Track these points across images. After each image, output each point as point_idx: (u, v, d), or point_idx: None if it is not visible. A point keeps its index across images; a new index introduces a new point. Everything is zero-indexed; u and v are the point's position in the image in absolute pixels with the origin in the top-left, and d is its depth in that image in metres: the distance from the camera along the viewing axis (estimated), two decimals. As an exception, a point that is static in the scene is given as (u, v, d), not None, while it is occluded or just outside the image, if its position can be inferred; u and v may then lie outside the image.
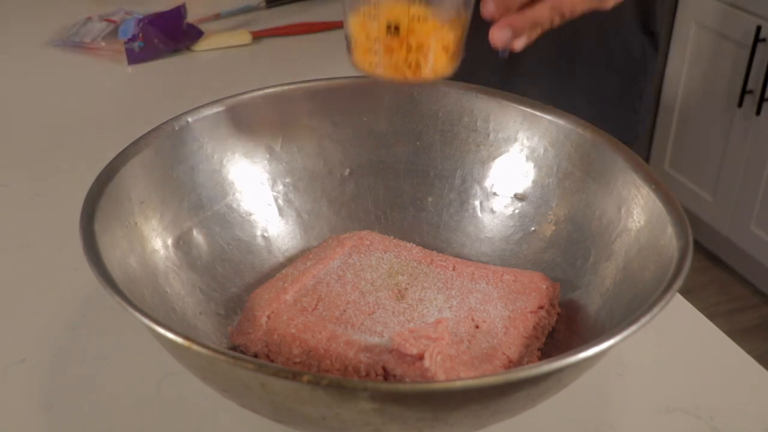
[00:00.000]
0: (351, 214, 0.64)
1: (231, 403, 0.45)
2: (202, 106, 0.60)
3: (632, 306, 0.46)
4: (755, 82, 1.72)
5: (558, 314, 0.55)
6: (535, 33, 0.50)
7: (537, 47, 0.53)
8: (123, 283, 0.43)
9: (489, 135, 0.63)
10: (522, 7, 0.49)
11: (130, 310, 0.41)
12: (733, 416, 0.53)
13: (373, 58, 0.50)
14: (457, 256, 0.60)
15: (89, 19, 1.14)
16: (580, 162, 0.59)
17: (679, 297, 0.63)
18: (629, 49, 0.95)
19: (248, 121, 0.61)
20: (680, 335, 0.60)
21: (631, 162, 0.55)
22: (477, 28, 0.50)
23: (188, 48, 1.11)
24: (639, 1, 0.71)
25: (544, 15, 0.49)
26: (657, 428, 0.52)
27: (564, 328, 0.55)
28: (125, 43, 1.06)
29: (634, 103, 0.97)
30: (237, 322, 0.55)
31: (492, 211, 0.63)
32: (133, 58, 1.06)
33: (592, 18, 0.57)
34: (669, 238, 0.48)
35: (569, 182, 0.59)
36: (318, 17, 1.21)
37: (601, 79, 0.95)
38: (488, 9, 0.49)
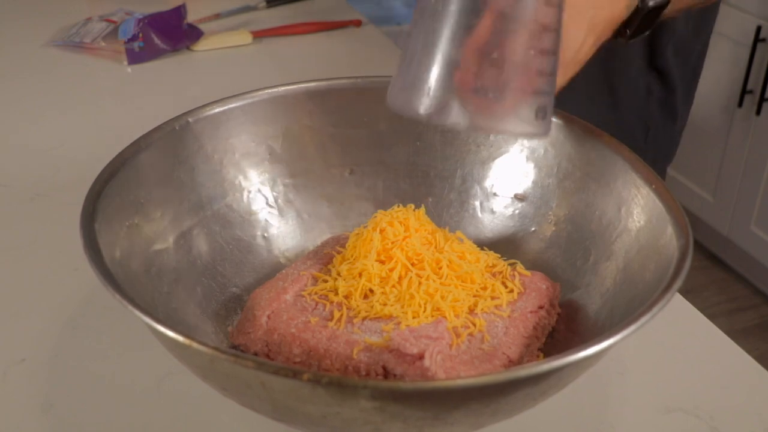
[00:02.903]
0: (351, 214, 0.64)
1: (231, 402, 0.45)
2: (202, 106, 0.60)
3: (632, 306, 0.46)
4: (755, 82, 1.72)
5: (558, 314, 0.55)
6: None
7: None
8: (123, 283, 0.43)
9: (489, 135, 0.63)
10: None
11: (131, 308, 0.41)
12: (733, 416, 0.53)
13: None
14: (457, 255, 0.60)
15: (89, 19, 1.14)
16: (580, 162, 0.59)
17: (679, 297, 0.63)
18: (634, 86, 0.93)
19: (248, 121, 0.62)
20: (680, 335, 0.60)
21: (631, 162, 0.55)
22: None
23: (188, 48, 1.11)
24: (646, 38, 0.69)
25: None
26: (657, 428, 0.52)
27: (564, 328, 0.55)
28: (125, 43, 1.06)
29: (639, 143, 0.95)
30: (237, 321, 0.55)
31: (492, 212, 0.63)
32: (133, 58, 1.06)
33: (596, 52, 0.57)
34: (669, 238, 0.48)
35: (569, 182, 0.59)
36: (318, 17, 1.21)
37: (603, 113, 0.93)
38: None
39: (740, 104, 1.76)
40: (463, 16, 0.46)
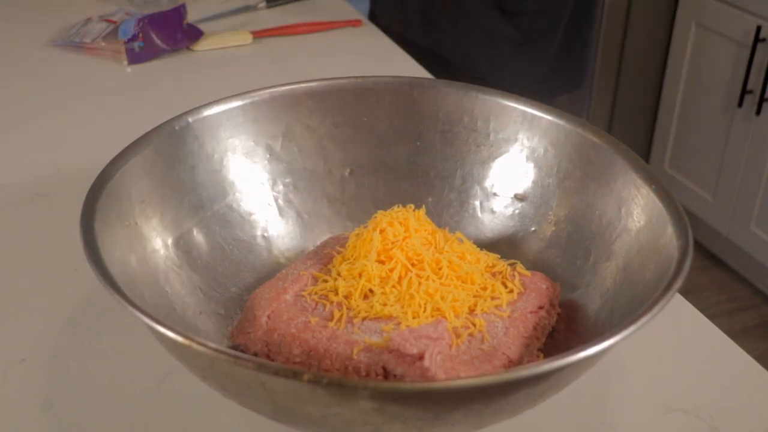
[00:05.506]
0: (351, 214, 0.64)
1: (231, 402, 0.45)
2: (202, 106, 0.60)
3: (632, 306, 0.46)
4: (755, 82, 1.72)
5: (558, 314, 0.55)
6: None
7: None
8: (123, 283, 0.43)
9: (489, 135, 0.63)
10: None
11: (131, 308, 0.41)
12: (733, 416, 0.53)
13: None
14: (457, 256, 0.60)
15: (89, 19, 1.14)
16: (580, 162, 0.59)
17: (679, 297, 0.63)
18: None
19: (248, 121, 0.62)
20: (680, 335, 0.60)
21: (631, 162, 0.55)
22: None
23: (188, 48, 1.11)
24: None
25: None
26: (657, 428, 0.52)
27: (564, 328, 0.55)
28: (125, 43, 1.06)
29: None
30: (237, 321, 0.55)
31: (492, 212, 0.63)
32: (133, 58, 1.06)
33: None
34: (669, 238, 0.48)
35: (569, 182, 0.59)
36: (318, 17, 1.21)
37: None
38: None
39: (740, 104, 1.76)
40: None
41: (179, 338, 0.39)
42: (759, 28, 1.67)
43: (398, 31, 1.21)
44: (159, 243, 0.54)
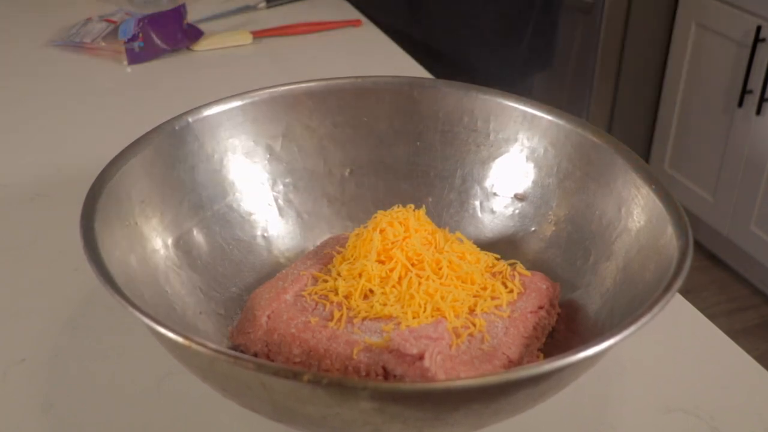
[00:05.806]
0: (351, 214, 0.64)
1: (231, 402, 0.45)
2: (202, 106, 0.60)
3: (632, 306, 0.46)
4: (755, 82, 1.72)
5: (558, 314, 0.55)
6: None
7: None
8: (123, 283, 0.43)
9: (489, 135, 0.63)
10: None
11: (130, 309, 0.41)
12: (733, 416, 0.53)
13: None
14: (457, 256, 0.60)
15: (89, 19, 1.14)
16: (580, 162, 0.59)
17: (679, 297, 0.63)
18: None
19: (248, 121, 0.62)
20: (680, 335, 0.60)
21: (631, 162, 0.55)
22: None
23: (188, 48, 1.11)
24: None
25: None
26: (657, 428, 0.52)
27: (564, 328, 0.55)
28: (125, 43, 1.06)
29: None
30: (237, 321, 0.55)
31: (492, 212, 0.63)
32: (133, 58, 1.06)
33: None
34: (669, 238, 0.48)
35: (569, 182, 0.59)
36: (318, 17, 1.21)
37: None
38: None
39: (740, 104, 1.76)
40: None
41: (179, 338, 0.39)
42: (759, 28, 1.67)
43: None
44: (159, 243, 0.54)
